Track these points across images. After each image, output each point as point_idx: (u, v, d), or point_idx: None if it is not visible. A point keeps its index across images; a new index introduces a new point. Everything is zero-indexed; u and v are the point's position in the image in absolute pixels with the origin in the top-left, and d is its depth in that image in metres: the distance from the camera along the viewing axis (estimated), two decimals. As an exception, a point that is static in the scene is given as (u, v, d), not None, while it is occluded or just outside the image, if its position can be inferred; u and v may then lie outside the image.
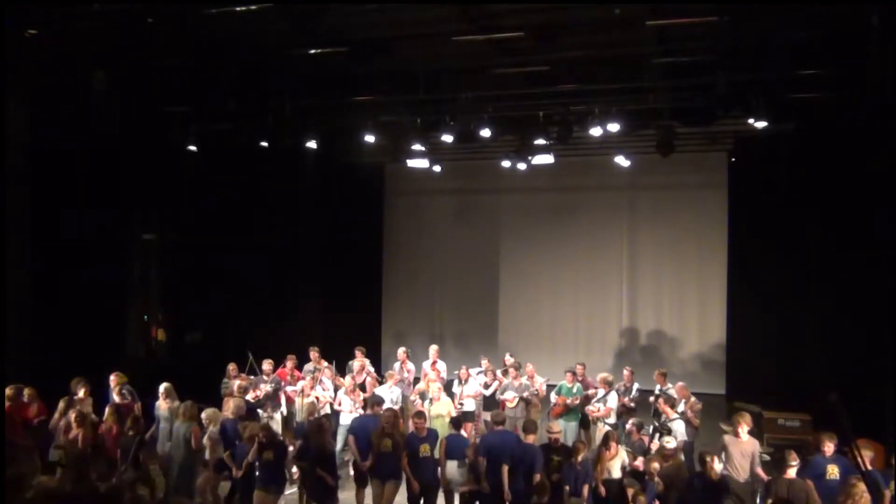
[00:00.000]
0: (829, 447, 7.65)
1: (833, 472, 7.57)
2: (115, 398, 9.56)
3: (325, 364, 11.50)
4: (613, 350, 16.35)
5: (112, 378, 9.71)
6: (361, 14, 8.85)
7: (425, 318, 17.65)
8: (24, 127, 9.86)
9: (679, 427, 9.25)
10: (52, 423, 8.92)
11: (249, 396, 9.95)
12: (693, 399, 9.97)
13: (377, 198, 17.61)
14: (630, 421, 9.39)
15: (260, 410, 10.28)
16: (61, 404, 8.94)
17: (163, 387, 9.58)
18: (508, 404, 10.92)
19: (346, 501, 8.66)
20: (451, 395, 11.07)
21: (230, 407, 8.98)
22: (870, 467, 7.36)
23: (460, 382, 11.43)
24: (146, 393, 9.89)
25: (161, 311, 13.49)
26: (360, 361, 11.78)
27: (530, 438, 8.08)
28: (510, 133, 12.93)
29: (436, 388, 10.42)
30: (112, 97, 9.79)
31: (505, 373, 11.54)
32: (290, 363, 11.43)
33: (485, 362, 11.96)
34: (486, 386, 11.37)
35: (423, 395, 11.18)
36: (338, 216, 16.43)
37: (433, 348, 12.44)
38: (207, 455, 8.53)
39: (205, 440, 8.51)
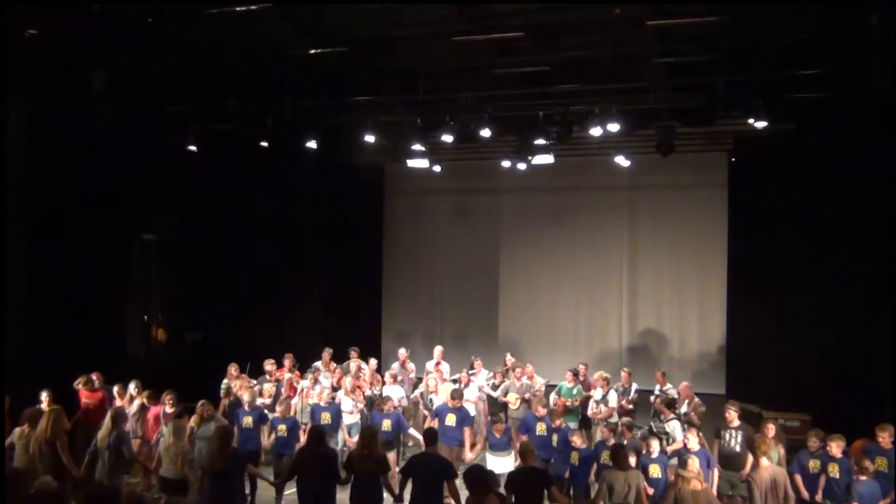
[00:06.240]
0: (813, 442, 8.20)
1: (815, 466, 8.14)
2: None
3: (336, 366, 11.45)
4: (613, 350, 16.34)
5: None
6: (361, 14, 8.86)
7: (425, 318, 17.62)
8: (24, 127, 9.86)
9: (675, 428, 9.24)
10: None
11: (260, 401, 9.82)
12: (697, 400, 9.97)
13: (377, 198, 17.62)
14: (620, 421, 9.37)
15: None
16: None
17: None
18: (511, 406, 10.90)
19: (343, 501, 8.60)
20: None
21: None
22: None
23: (461, 386, 11.40)
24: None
25: (161, 311, 13.49)
26: (355, 362, 11.76)
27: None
28: (510, 133, 12.94)
29: (444, 391, 10.34)
30: (112, 97, 9.79)
31: (506, 373, 11.51)
32: (287, 362, 11.44)
33: (477, 363, 11.92)
34: (495, 387, 11.33)
35: (423, 396, 11.15)
36: (338, 216, 16.41)
37: (438, 349, 12.35)
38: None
39: None
